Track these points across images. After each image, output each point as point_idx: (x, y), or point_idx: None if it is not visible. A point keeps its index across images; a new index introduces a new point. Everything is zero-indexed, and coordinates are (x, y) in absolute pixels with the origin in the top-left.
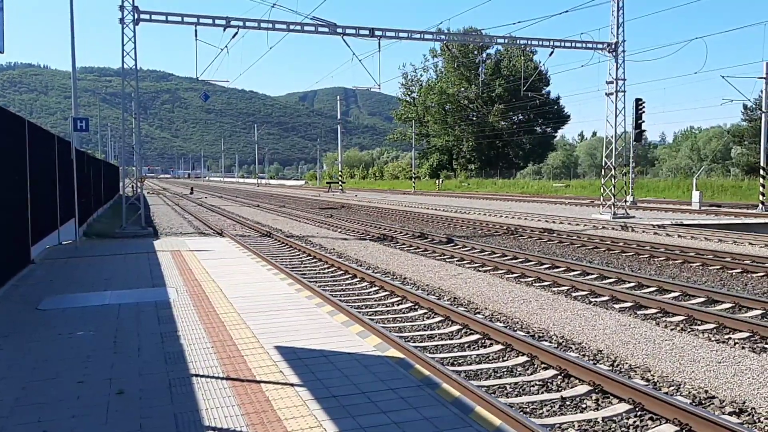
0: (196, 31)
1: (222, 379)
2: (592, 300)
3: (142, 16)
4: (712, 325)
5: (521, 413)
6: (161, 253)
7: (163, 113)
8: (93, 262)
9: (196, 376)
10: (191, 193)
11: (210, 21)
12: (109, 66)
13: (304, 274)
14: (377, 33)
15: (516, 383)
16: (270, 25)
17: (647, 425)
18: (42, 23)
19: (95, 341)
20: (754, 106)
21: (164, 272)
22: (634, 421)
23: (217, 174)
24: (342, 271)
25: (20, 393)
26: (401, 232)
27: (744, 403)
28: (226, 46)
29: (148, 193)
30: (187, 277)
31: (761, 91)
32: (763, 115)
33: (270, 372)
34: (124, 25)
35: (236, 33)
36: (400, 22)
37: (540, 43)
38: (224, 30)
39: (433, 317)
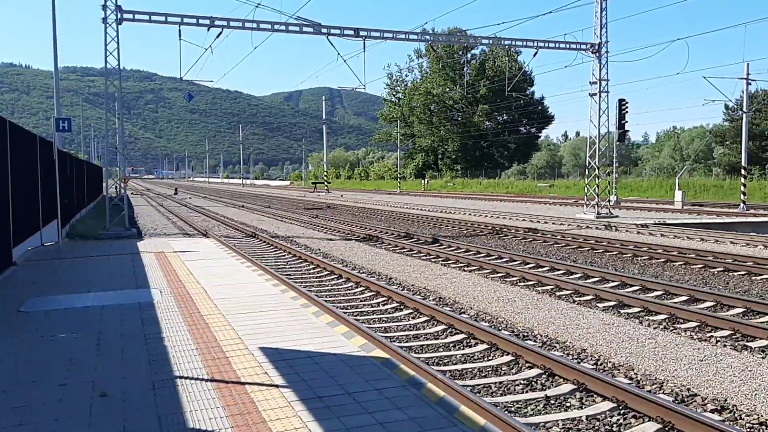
0: (180, 30)
1: (206, 380)
2: (576, 299)
3: (126, 15)
4: (695, 324)
5: (506, 412)
6: (145, 254)
7: (147, 113)
8: (76, 263)
9: (181, 377)
10: (175, 194)
11: (194, 21)
12: (92, 66)
13: (290, 274)
14: (362, 33)
15: (501, 382)
16: (254, 25)
17: (630, 423)
18: (24, 23)
19: (78, 343)
20: (735, 106)
21: (148, 273)
22: (618, 420)
23: (202, 174)
24: (327, 272)
25: (1, 396)
26: (387, 233)
27: (725, 400)
28: (210, 46)
29: (131, 193)
30: (171, 278)
31: (742, 92)
32: (744, 115)
33: (255, 373)
34: (107, 25)
35: (220, 33)
36: (385, 23)
37: (524, 43)
38: (208, 30)
39: (418, 317)
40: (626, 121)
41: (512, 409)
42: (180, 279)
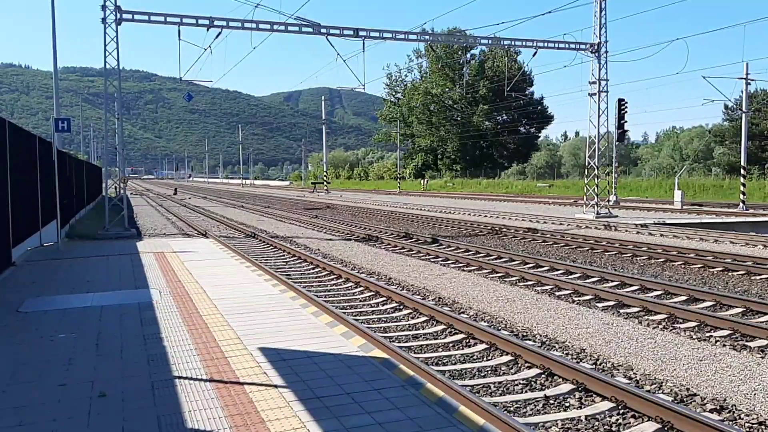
0: (179, 31)
1: (205, 380)
2: (576, 299)
3: (125, 15)
4: (694, 324)
5: (505, 412)
6: (144, 255)
7: (147, 113)
8: (75, 263)
9: (180, 378)
10: (175, 194)
11: (193, 21)
12: (92, 66)
13: (289, 274)
14: (361, 33)
15: (500, 382)
16: (253, 25)
17: (629, 423)
18: (23, 23)
19: (77, 343)
20: (734, 106)
21: (147, 274)
22: (617, 419)
23: (201, 174)
24: (327, 272)
25: (1, 396)
26: (386, 233)
27: (725, 400)
28: (209, 46)
29: (131, 194)
30: (171, 278)
31: (741, 92)
32: (743, 115)
33: (254, 373)
34: (107, 25)
35: (220, 33)
36: (384, 23)
37: (524, 43)
38: (207, 30)
39: (417, 317)
40: (625, 121)
41: (511, 409)
42: (179, 279)
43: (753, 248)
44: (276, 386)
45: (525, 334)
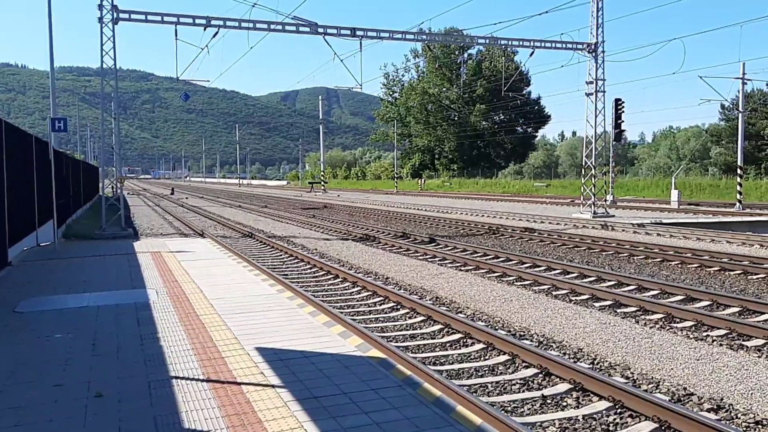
0: (176, 30)
1: (202, 381)
2: (573, 298)
3: (122, 15)
4: (691, 323)
5: (502, 412)
6: (141, 255)
7: (144, 113)
8: (72, 263)
9: (176, 378)
10: (172, 194)
11: (190, 20)
12: (89, 66)
13: (286, 274)
14: (358, 33)
15: (497, 382)
16: (251, 25)
17: (627, 422)
18: (20, 22)
19: (74, 344)
20: (731, 106)
21: (144, 274)
22: (614, 419)
23: (198, 174)
24: (324, 272)
25: None
26: (384, 232)
27: (722, 399)
28: (206, 46)
29: (128, 193)
30: (167, 278)
31: (738, 92)
32: (739, 115)
33: (251, 373)
34: (103, 25)
35: (216, 32)
36: (381, 22)
37: (521, 43)
38: (204, 29)
39: (415, 317)
40: (622, 121)
41: (509, 408)
42: (176, 279)
43: (750, 248)
44: (273, 386)
45: (522, 333)
